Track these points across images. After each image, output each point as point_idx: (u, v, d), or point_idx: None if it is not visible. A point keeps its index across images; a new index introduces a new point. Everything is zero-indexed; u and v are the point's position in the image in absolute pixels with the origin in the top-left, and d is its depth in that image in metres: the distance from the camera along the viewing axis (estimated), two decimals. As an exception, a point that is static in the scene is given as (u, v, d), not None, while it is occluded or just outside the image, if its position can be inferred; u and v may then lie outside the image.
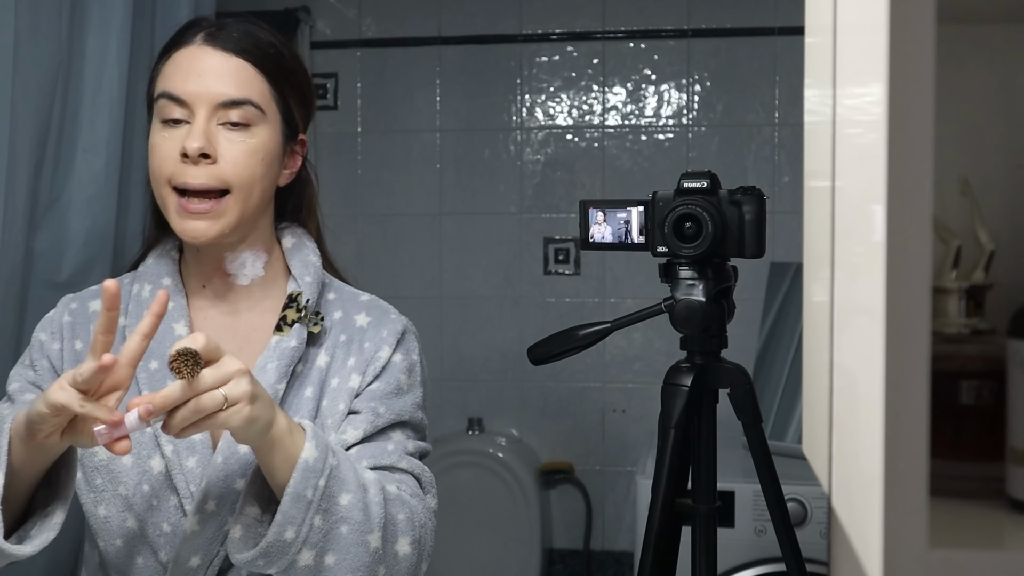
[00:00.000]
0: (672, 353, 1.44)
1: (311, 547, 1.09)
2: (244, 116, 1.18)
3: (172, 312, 1.24)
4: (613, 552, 2.80)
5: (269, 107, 1.21)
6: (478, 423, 2.79)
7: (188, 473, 1.18)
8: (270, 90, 1.21)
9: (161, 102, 1.19)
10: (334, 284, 1.33)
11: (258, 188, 1.20)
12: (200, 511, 1.16)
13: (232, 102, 1.17)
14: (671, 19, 2.71)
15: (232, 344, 1.26)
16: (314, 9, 2.80)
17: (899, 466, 0.64)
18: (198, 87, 1.17)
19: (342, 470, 1.12)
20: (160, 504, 1.18)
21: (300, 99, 1.27)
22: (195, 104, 1.17)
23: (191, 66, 1.18)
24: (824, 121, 0.93)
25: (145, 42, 1.91)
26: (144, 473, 1.19)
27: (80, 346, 1.26)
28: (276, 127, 1.23)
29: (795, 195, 2.64)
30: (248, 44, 1.21)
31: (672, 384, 1.37)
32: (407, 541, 1.16)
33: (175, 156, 1.16)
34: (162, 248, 1.31)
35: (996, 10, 0.83)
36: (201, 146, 1.15)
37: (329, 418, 1.24)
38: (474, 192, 2.81)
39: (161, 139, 1.18)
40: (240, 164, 1.18)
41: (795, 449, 2.09)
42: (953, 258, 0.81)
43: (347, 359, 1.27)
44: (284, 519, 1.07)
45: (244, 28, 1.23)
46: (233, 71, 1.19)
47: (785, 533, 1.38)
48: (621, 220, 1.41)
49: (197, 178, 1.15)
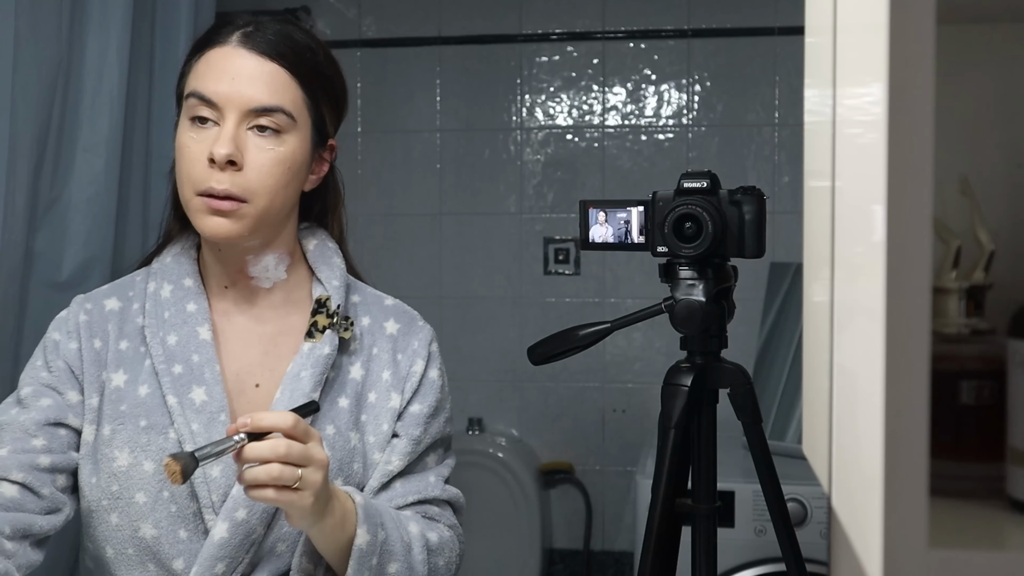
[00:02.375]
0: (672, 353, 1.44)
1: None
2: (275, 123, 1.16)
3: (195, 315, 1.22)
4: (613, 552, 2.80)
5: (301, 115, 1.19)
6: (478, 423, 2.79)
7: (212, 482, 1.16)
8: (303, 97, 1.19)
9: (191, 101, 1.16)
10: (358, 286, 1.33)
11: (281, 196, 1.18)
12: (230, 519, 1.14)
13: (264, 109, 1.15)
14: (671, 19, 2.71)
15: (258, 349, 1.24)
16: (314, 9, 2.80)
17: (899, 466, 0.64)
18: (230, 90, 1.14)
19: (391, 542, 1.15)
20: (180, 511, 1.16)
21: (333, 104, 1.25)
22: (225, 107, 1.14)
23: (224, 67, 1.15)
24: (824, 121, 0.93)
25: (145, 42, 1.91)
26: (165, 480, 1.14)
27: (99, 344, 1.22)
28: (306, 135, 1.20)
29: (795, 195, 2.64)
30: (284, 48, 1.17)
31: (672, 384, 1.37)
32: (443, 563, 1.23)
33: (203, 160, 1.14)
34: (180, 246, 1.28)
35: (996, 10, 0.83)
36: (229, 153, 1.13)
37: (372, 435, 1.25)
38: (474, 192, 2.81)
39: (189, 139, 1.16)
40: (265, 172, 1.15)
41: (795, 449, 2.09)
42: (953, 258, 0.81)
43: (382, 372, 1.27)
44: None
45: (280, 29, 1.19)
46: (267, 76, 1.16)
47: (785, 533, 1.37)
48: (621, 220, 1.41)
49: (221, 183, 1.14)
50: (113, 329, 1.23)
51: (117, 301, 1.26)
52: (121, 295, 1.27)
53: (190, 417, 1.17)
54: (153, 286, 1.25)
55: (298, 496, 1.03)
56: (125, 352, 1.22)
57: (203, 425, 1.16)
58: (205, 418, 1.17)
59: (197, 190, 1.15)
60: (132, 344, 1.22)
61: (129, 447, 1.17)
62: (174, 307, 1.22)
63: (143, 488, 1.16)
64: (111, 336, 1.23)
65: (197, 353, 1.20)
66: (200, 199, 1.15)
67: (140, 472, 1.16)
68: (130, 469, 1.16)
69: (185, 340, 1.20)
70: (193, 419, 1.17)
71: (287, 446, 1.02)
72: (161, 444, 1.17)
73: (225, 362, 1.22)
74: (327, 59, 1.24)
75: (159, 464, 1.16)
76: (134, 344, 1.22)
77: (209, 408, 1.17)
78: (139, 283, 1.27)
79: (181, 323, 1.21)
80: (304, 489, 1.03)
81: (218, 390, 1.18)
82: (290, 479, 1.02)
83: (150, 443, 1.17)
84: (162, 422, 1.18)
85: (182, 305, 1.22)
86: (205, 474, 1.15)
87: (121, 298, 1.26)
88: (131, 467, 1.16)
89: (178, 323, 1.21)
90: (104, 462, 1.17)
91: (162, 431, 1.17)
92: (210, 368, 1.19)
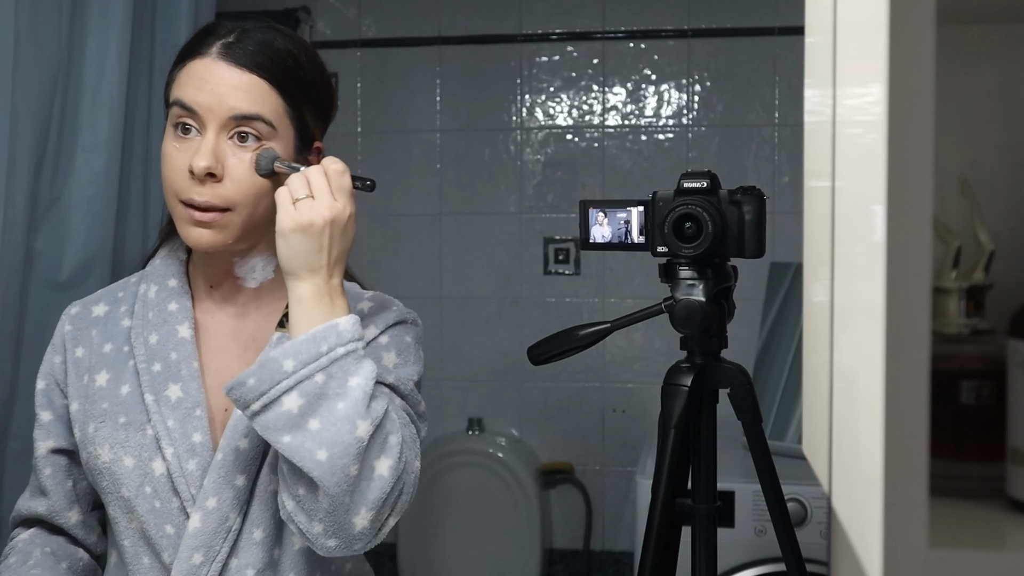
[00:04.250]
0: (672, 353, 1.44)
1: (302, 395, 1.06)
2: (255, 130, 1.17)
3: (176, 314, 1.25)
4: (613, 552, 2.80)
5: (282, 123, 1.20)
6: (478, 423, 2.79)
7: (189, 476, 1.18)
8: (284, 106, 1.20)
9: (175, 109, 1.18)
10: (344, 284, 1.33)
11: (264, 202, 1.19)
12: (202, 508, 1.17)
13: (243, 116, 1.17)
14: (671, 19, 2.71)
15: (238, 345, 1.26)
16: (314, 9, 2.80)
17: (899, 466, 0.64)
18: (209, 100, 1.16)
19: (365, 363, 1.10)
20: (163, 507, 1.18)
21: (317, 109, 1.26)
22: (206, 117, 1.16)
23: (204, 78, 1.17)
24: (824, 121, 0.93)
25: (145, 42, 1.91)
26: (146, 476, 1.19)
27: (81, 352, 1.27)
28: (288, 141, 1.21)
29: (795, 195, 2.64)
30: (263, 58, 1.18)
31: (672, 384, 1.37)
32: (389, 464, 1.09)
33: (184, 170, 1.16)
34: (169, 248, 1.31)
35: (996, 10, 0.83)
36: (207, 165, 1.15)
37: None
38: (474, 192, 2.81)
39: (173, 149, 1.18)
40: (245, 183, 1.17)
41: (795, 449, 2.09)
42: (953, 258, 0.81)
43: None
44: (292, 348, 1.07)
45: (261, 39, 1.20)
46: (246, 86, 1.17)
47: (785, 533, 1.38)
48: (621, 220, 1.41)
49: (202, 195, 1.16)
50: (97, 334, 1.28)
51: (104, 306, 1.30)
52: (110, 299, 1.31)
53: (166, 414, 1.19)
54: (144, 288, 1.29)
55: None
56: (108, 354, 1.25)
57: (179, 421, 1.19)
58: (180, 414, 1.20)
59: (180, 198, 1.18)
60: (116, 345, 1.26)
61: (109, 443, 1.21)
62: (157, 307, 1.26)
63: (125, 483, 1.20)
64: (94, 341, 1.27)
65: (176, 351, 1.23)
66: (183, 208, 1.18)
67: (122, 468, 1.20)
68: (112, 465, 1.20)
69: (165, 339, 1.23)
70: (169, 415, 1.19)
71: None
72: (139, 440, 1.20)
73: (206, 359, 1.25)
74: (311, 64, 1.25)
75: (139, 460, 1.19)
76: (118, 345, 1.26)
77: (184, 404, 1.20)
78: (132, 285, 1.31)
79: (162, 322, 1.25)
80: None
81: (194, 386, 1.21)
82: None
83: (128, 439, 1.20)
84: (139, 419, 1.20)
85: (164, 305, 1.26)
86: (183, 469, 1.18)
87: (109, 302, 1.31)
88: (113, 463, 1.20)
89: (159, 323, 1.25)
90: (91, 459, 1.22)
91: (139, 428, 1.20)
92: (187, 365, 1.22)
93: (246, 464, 1.18)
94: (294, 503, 1.09)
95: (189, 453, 1.18)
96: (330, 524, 1.07)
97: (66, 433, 1.27)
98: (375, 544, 1.12)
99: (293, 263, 1.11)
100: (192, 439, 1.18)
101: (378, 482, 1.07)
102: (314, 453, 1.04)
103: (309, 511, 1.08)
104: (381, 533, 1.11)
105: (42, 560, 1.25)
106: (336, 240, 1.12)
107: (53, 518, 1.28)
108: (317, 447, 1.04)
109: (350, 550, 1.10)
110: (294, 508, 1.09)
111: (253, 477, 1.18)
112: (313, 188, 1.12)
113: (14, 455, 1.67)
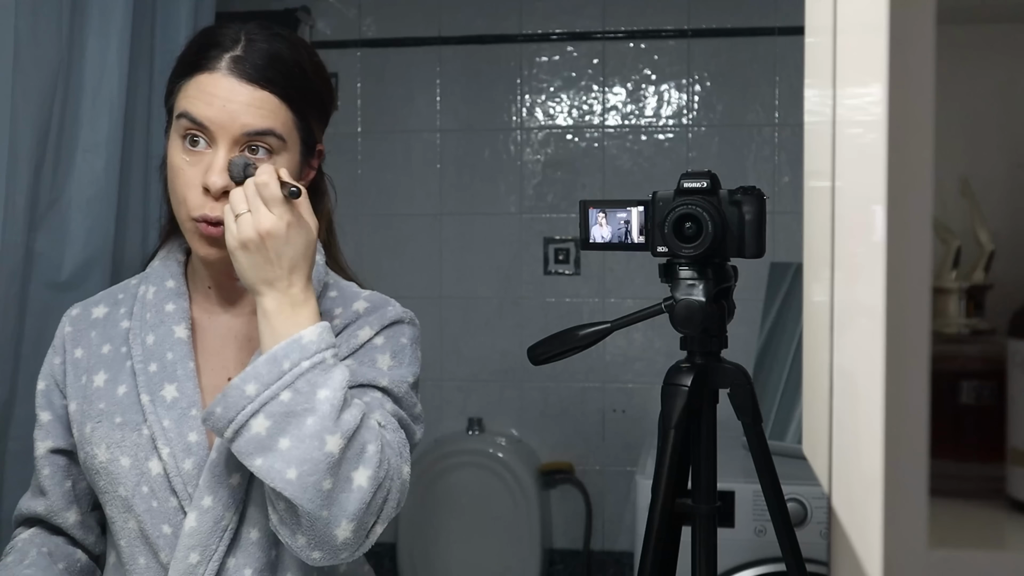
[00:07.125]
0: (672, 353, 1.44)
1: (268, 417, 1.06)
2: (266, 144, 1.18)
3: (172, 315, 1.25)
4: (613, 552, 2.80)
5: (291, 135, 1.20)
6: (478, 423, 2.79)
7: (185, 475, 1.18)
8: (293, 118, 1.20)
9: (183, 121, 1.17)
10: (339, 284, 1.33)
11: None
12: (197, 507, 1.17)
13: (256, 132, 1.17)
14: (671, 19, 2.71)
15: (234, 345, 1.27)
16: (314, 9, 2.80)
17: (899, 466, 0.64)
18: (222, 117, 1.15)
19: (335, 372, 1.10)
20: (160, 506, 1.19)
21: (320, 114, 1.26)
22: (218, 133, 1.16)
23: (215, 93, 1.16)
24: (824, 121, 0.93)
25: (145, 42, 1.91)
26: (143, 475, 1.19)
27: (80, 353, 1.27)
28: (296, 152, 1.22)
29: (795, 195, 2.64)
30: (273, 72, 1.18)
31: (672, 384, 1.37)
32: (367, 475, 1.08)
33: (197, 186, 1.16)
34: (168, 249, 1.32)
35: (996, 10, 0.83)
36: (225, 184, 1.15)
37: None
38: (474, 192, 2.81)
39: (183, 162, 1.18)
40: None
41: (795, 449, 2.09)
42: (953, 258, 0.81)
43: (341, 347, 1.25)
44: (253, 371, 1.07)
45: (268, 51, 1.19)
46: (258, 102, 1.17)
47: (785, 533, 1.38)
48: (621, 220, 1.41)
49: (215, 211, 1.16)
50: (96, 336, 1.28)
51: (104, 308, 1.31)
52: (110, 301, 1.32)
53: (161, 414, 1.20)
54: (143, 289, 1.29)
55: None
56: (107, 355, 1.26)
57: (174, 421, 1.19)
58: (176, 414, 1.20)
59: (192, 215, 1.18)
60: (114, 346, 1.26)
61: (106, 443, 1.21)
62: (155, 308, 1.26)
63: (123, 483, 1.20)
64: (93, 342, 1.28)
65: (172, 351, 1.23)
66: (194, 223, 1.18)
67: (118, 468, 1.20)
68: (109, 464, 1.21)
69: (161, 339, 1.24)
70: (164, 415, 1.20)
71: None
72: (135, 440, 1.20)
73: (202, 359, 1.25)
74: (315, 70, 1.25)
75: (135, 460, 1.20)
76: (116, 346, 1.26)
77: (180, 404, 1.20)
78: (132, 287, 1.32)
79: (159, 323, 1.25)
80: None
81: (190, 386, 1.21)
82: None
83: (124, 439, 1.21)
84: (135, 419, 1.21)
85: (162, 306, 1.26)
86: (179, 468, 1.18)
87: (109, 304, 1.31)
88: (109, 462, 1.21)
89: (156, 323, 1.25)
90: (88, 459, 1.23)
91: (135, 427, 1.21)
92: (183, 365, 1.22)
93: (240, 463, 1.18)
94: (276, 517, 1.10)
95: (185, 453, 1.18)
96: (312, 537, 1.08)
97: (65, 433, 1.28)
98: (364, 551, 1.13)
99: (248, 278, 1.12)
100: (188, 439, 1.19)
101: (357, 493, 1.07)
102: (284, 473, 1.05)
103: (291, 525, 1.09)
104: (368, 541, 1.11)
105: (37, 560, 1.25)
106: (282, 250, 1.11)
107: (52, 518, 1.29)
108: (287, 467, 1.05)
109: (336, 559, 1.11)
110: (277, 521, 1.11)
111: (248, 476, 1.18)
112: (249, 203, 1.11)
113: (14, 455, 1.67)
